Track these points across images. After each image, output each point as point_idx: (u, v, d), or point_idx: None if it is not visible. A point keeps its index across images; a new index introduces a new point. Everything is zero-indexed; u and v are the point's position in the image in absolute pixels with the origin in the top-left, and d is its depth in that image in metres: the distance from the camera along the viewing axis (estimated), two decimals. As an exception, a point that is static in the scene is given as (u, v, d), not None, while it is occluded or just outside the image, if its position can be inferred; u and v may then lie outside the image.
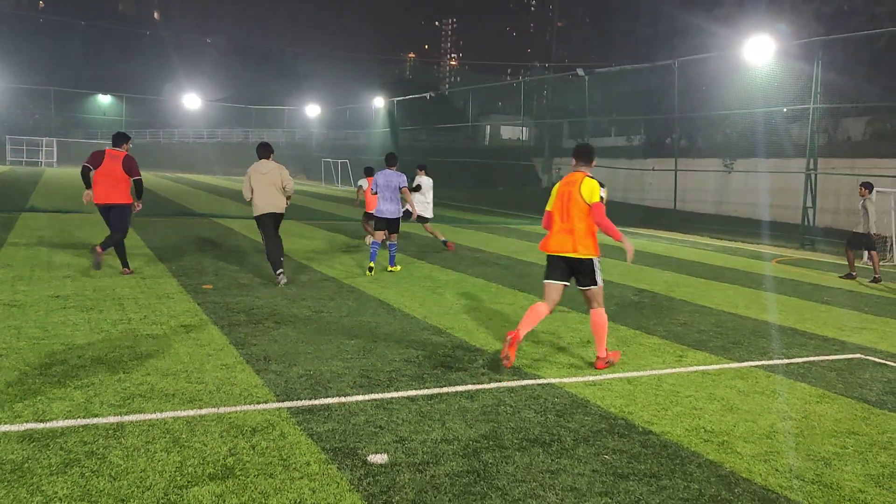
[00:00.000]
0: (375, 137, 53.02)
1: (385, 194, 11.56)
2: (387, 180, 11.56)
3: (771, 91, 25.46)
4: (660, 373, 6.69)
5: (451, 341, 7.41)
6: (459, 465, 4.35)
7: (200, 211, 22.75)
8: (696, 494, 4.14)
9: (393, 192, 11.55)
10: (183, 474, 4.03)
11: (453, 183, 44.20)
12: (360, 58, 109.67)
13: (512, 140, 61.81)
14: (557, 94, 42.90)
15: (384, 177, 11.59)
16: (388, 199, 11.55)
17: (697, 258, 16.81)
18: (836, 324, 9.51)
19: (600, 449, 4.74)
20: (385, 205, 11.56)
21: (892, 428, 5.47)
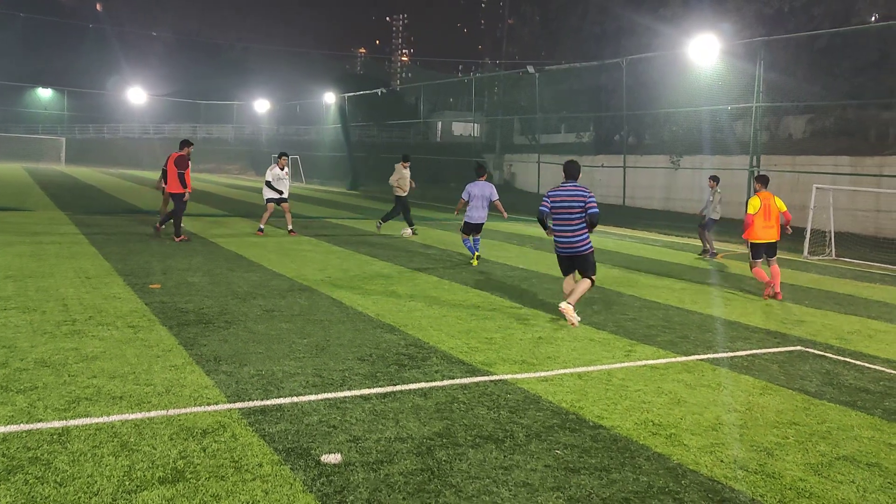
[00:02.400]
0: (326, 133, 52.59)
1: (478, 203, 12.91)
2: (482, 191, 12.95)
3: (715, 89, 26.10)
4: (610, 367, 6.81)
5: (404, 339, 7.41)
6: (413, 464, 4.37)
7: (147, 208, 22.25)
8: (645, 487, 4.24)
9: (485, 202, 12.94)
10: (132, 479, 3.96)
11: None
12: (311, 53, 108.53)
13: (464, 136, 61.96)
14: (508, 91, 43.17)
15: (479, 187, 12.95)
16: (481, 208, 12.95)
17: (646, 254, 17.13)
18: (778, 317, 9.81)
19: (552, 444, 4.81)
20: (478, 212, 12.95)
21: (830, 418, 5.68)
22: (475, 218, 12.91)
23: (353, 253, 14.08)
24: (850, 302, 11.42)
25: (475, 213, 12.88)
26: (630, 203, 28.61)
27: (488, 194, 12.92)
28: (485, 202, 12.89)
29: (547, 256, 15.04)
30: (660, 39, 31.36)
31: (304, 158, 50.94)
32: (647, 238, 21.52)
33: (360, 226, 20.17)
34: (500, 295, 10.31)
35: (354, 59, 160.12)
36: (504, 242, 17.64)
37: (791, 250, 18.90)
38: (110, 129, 73.28)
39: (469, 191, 12.92)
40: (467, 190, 12.93)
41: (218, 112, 74.03)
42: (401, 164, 17.85)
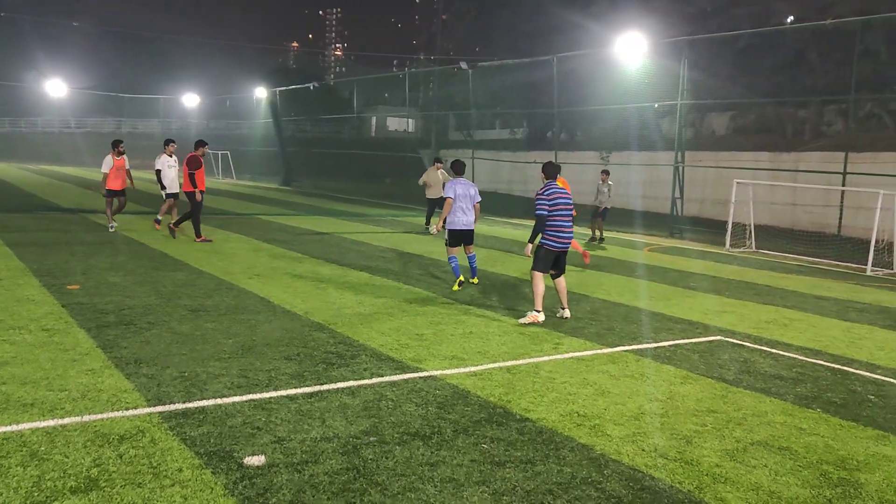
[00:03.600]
0: (258, 128, 51.61)
1: (464, 205, 10.42)
2: (466, 190, 10.45)
3: (642, 87, 26.72)
4: (538, 360, 6.91)
5: (333, 337, 7.34)
6: (339, 463, 4.33)
7: (68, 206, 21.41)
8: (568, 478, 4.31)
9: (470, 203, 10.46)
10: (41, 489, 3.80)
11: (339, 175, 43.72)
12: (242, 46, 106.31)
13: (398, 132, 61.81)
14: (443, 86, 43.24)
15: (463, 186, 10.44)
16: (467, 210, 10.45)
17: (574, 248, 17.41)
18: (700, 308, 10.13)
19: (479, 439, 4.84)
20: (463, 216, 10.42)
21: (746, 405, 5.89)
22: (462, 223, 10.43)
23: (284, 251, 13.87)
24: (768, 292, 11.88)
25: (462, 217, 10.44)
26: (562, 198, 29.02)
27: (472, 195, 10.52)
28: (470, 204, 10.50)
29: (479, 252, 15.14)
30: (589, 37, 31.92)
31: (235, 154, 49.89)
32: (578, 232, 21.87)
33: (292, 223, 19.88)
34: (433, 291, 10.33)
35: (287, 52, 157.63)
36: (437, 239, 17.67)
37: (713, 243, 19.56)
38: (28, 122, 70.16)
39: (454, 189, 10.38)
40: (452, 188, 10.39)
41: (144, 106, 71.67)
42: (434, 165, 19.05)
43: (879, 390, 6.51)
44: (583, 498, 4.05)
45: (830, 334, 8.80)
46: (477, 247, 16.07)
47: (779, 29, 26.24)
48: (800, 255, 17.56)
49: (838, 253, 17.24)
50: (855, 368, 7.22)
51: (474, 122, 38.18)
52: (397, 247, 15.31)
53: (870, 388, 6.58)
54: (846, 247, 17.36)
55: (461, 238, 10.54)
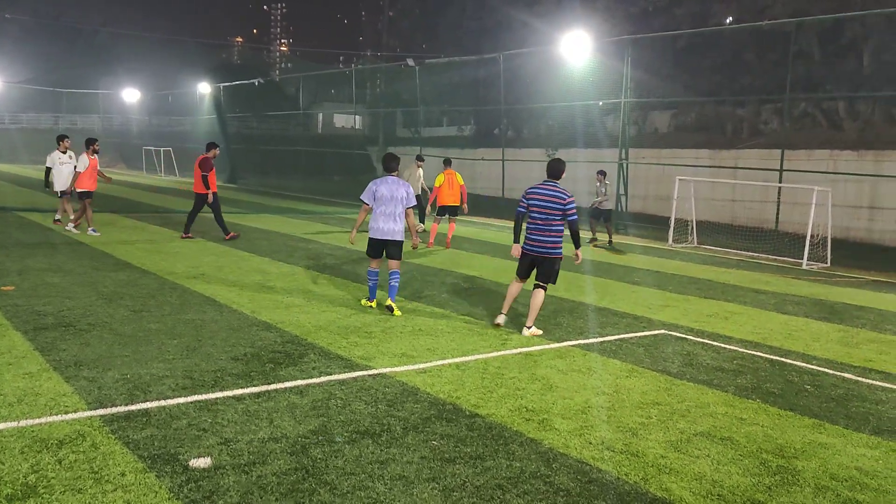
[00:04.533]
0: (201, 125, 50.61)
1: (388, 208, 8.63)
2: (392, 191, 8.62)
3: (587, 85, 27.12)
4: (486, 356, 6.95)
5: (281, 336, 7.26)
6: (287, 463, 4.29)
7: (2, 204, 20.63)
8: (517, 472, 4.35)
9: (398, 207, 8.64)
10: (-25, 499, 3.66)
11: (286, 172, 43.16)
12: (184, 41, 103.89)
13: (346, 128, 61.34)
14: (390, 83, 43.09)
15: (389, 186, 8.63)
16: (391, 216, 8.64)
17: (524, 244, 17.57)
18: (644, 303, 10.33)
19: (429, 435, 4.85)
20: (384, 223, 8.64)
21: (689, 397, 6.04)
22: (382, 231, 8.63)
23: (229, 249, 13.64)
24: (710, 287, 12.19)
25: (383, 224, 8.61)
26: (509, 195, 29.25)
27: (402, 196, 8.60)
28: (397, 207, 8.59)
29: (426, 249, 15.17)
30: (536, 35, 32.21)
31: (178, 151, 48.80)
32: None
33: (238, 221, 19.55)
34: (382, 288, 10.28)
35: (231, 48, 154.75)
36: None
37: (657, 239, 19.98)
38: (-43, 117, 67.29)
39: (373, 190, 8.62)
40: (370, 189, 8.65)
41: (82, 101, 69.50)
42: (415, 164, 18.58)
43: (815, 380, 6.75)
44: (532, 492, 4.10)
45: (769, 327, 9.09)
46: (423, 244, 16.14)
47: (718, 29, 26.93)
48: (739, 250, 18.07)
49: (776, 248, 17.80)
50: (792, 359, 7.48)
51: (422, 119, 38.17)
52: (346, 245, 15.20)
53: (806, 378, 6.81)
54: (783, 242, 17.94)
55: (379, 249, 8.75)
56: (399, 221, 8.68)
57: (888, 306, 11.13)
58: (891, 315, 10.37)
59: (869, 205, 21.45)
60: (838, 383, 6.68)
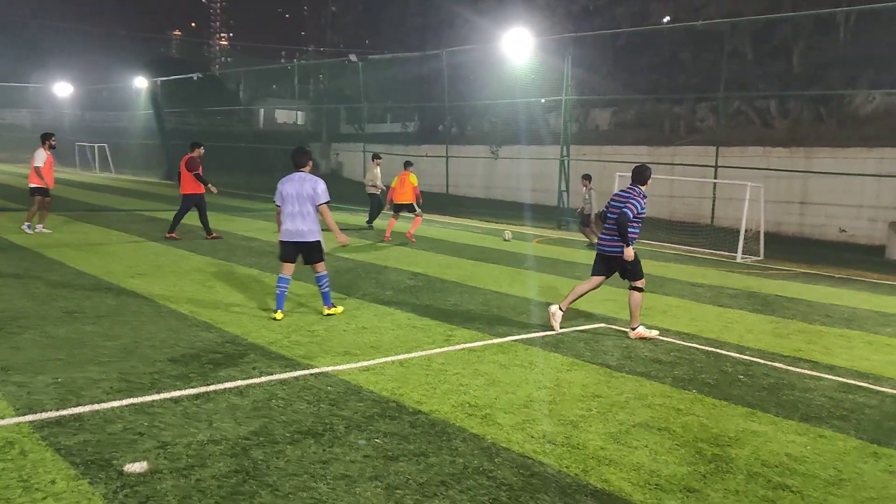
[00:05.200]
0: (138, 120, 49.21)
1: (295, 208, 7.96)
2: (298, 188, 7.98)
3: (530, 82, 27.38)
4: (430, 353, 6.96)
5: (221, 336, 7.13)
6: (227, 466, 4.22)
7: (-78, 203, 19.71)
8: (460, 468, 4.38)
9: (305, 206, 7.96)
10: None
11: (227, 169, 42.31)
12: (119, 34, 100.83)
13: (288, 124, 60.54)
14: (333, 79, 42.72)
15: (294, 184, 8.00)
16: (300, 216, 7.97)
17: (468, 241, 17.66)
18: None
19: (372, 434, 4.84)
20: (292, 223, 7.97)
21: (628, 389, 6.17)
22: (289, 232, 7.99)
23: (168, 248, 13.33)
24: (648, 280, 12.39)
25: (290, 225, 7.97)
26: (453, 191, 29.36)
27: (309, 193, 7.94)
28: (305, 206, 7.95)
29: (372, 245, 15.11)
30: (478, 32, 32.38)
31: (114, 147, 47.39)
32: (470, 225, 22.21)
33: (176, 218, 19.09)
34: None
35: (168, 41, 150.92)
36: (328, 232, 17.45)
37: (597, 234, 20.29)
38: None
39: (279, 190, 8.04)
40: (278, 189, 8.05)
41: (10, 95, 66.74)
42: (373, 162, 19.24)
43: (748, 370, 6.97)
44: (475, 487, 4.13)
45: (705, 319, 9.35)
46: (366, 241, 16.08)
47: (655, 29, 27.52)
48: (677, 244, 18.52)
49: (712, 242, 18.30)
50: (727, 350, 7.71)
51: (365, 116, 37.97)
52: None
53: (739, 368, 7.03)
54: (719, 236, 18.45)
55: (291, 252, 8.07)
56: (310, 221, 7.94)
57: (817, 298, 11.57)
58: (819, 306, 10.78)
59: (799, 200, 22.25)
60: (770, 373, 6.92)
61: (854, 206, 21.15)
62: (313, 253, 8.12)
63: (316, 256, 8.15)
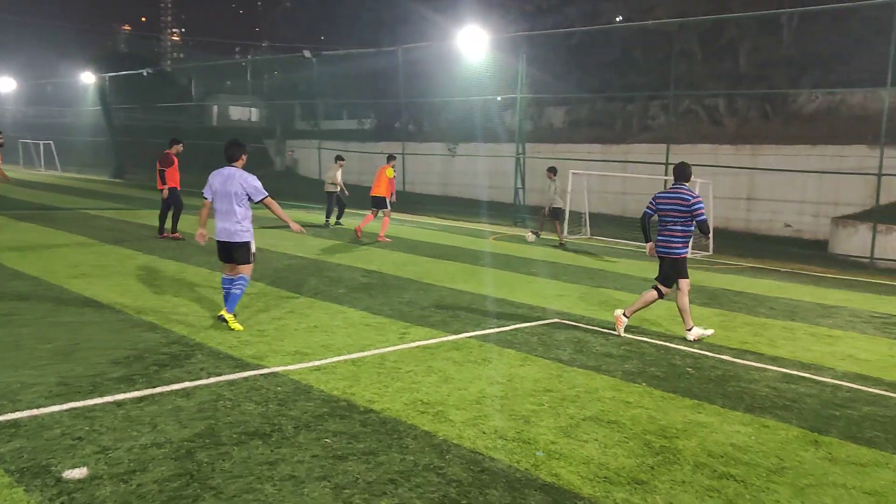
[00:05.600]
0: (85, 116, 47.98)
1: (223, 205, 7.51)
2: (224, 185, 7.48)
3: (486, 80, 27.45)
4: (383, 351, 6.91)
5: (167, 337, 6.97)
6: (170, 469, 4.11)
7: None
8: (410, 466, 4.35)
9: (234, 203, 7.46)
10: None
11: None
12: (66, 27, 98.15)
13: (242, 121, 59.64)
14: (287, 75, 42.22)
15: (222, 179, 7.52)
16: (227, 214, 7.49)
17: (424, 238, 17.63)
18: (539, 293, 10.56)
19: (321, 433, 4.77)
20: (220, 222, 7.55)
21: (579, 383, 6.21)
22: (218, 231, 7.57)
23: (113, 247, 13.00)
24: (601, 276, 12.60)
25: (218, 223, 7.56)
26: (410, 189, 29.30)
27: (237, 191, 7.41)
28: (232, 204, 7.43)
29: (327, 243, 14.97)
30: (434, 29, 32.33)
31: (60, 144, 46.09)
32: (426, 222, 22.17)
33: (125, 217, 18.68)
34: (275, 285, 10.07)
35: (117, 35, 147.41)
36: (284, 230, 17.25)
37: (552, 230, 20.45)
38: None
39: (210, 183, 7.59)
40: (209, 182, 7.61)
41: (-51, 90, 64.48)
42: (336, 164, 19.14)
43: (696, 363, 7.09)
44: (424, 484, 4.10)
45: (655, 312, 9.47)
46: (320, 239, 15.92)
47: (607, 28, 27.85)
48: (629, 240, 18.76)
49: (663, 238, 18.59)
50: (675, 344, 7.82)
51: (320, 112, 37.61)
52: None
53: (688, 361, 7.15)
54: (670, 232, 18.74)
55: (224, 252, 7.63)
56: (238, 220, 7.45)
57: (763, 291, 11.84)
58: (765, 299, 11.03)
59: (747, 196, 22.76)
60: (717, 365, 7.04)
61: (798, 201, 21.72)
62: (240, 254, 7.58)
63: (242, 257, 7.58)
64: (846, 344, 8.19)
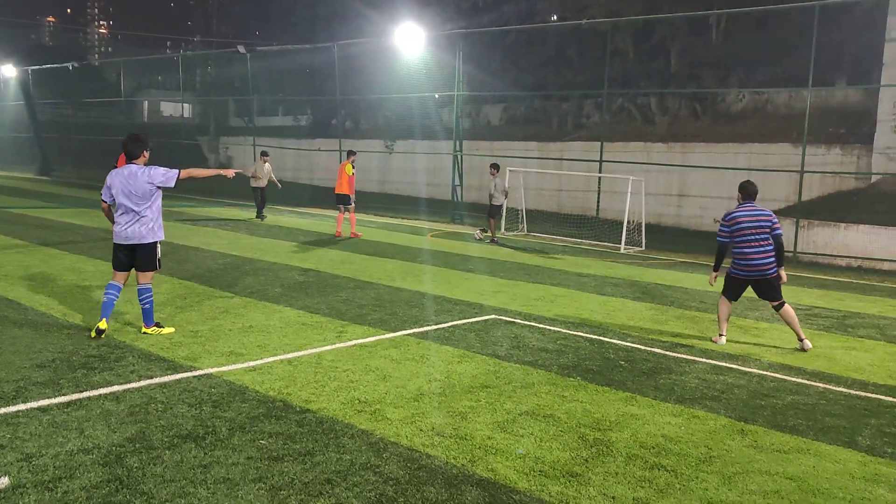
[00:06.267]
0: (7, 111, 45.94)
1: (124, 208, 6.86)
2: (127, 185, 6.82)
3: (423, 77, 27.45)
4: (320, 350, 6.86)
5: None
6: (99, 476, 4.00)
7: None
8: (347, 465, 4.33)
9: (138, 204, 6.85)
10: None
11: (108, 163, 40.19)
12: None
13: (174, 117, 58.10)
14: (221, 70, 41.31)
15: (123, 178, 6.86)
16: (130, 216, 6.87)
17: (363, 235, 17.53)
18: (477, 289, 10.64)
19: (256, 435, 4.71)
20: (126, 225, 6.88)
21: (516, 378, 6.29)
22: (119, 234, 6.94)
23: (38, 247, 12.51)
24: (537, 272, 12.77)
25: (121, 227, 6.91)
26: (348, 186, 29.08)
27: (144, 190, 6.81)
28: (138, 205, 6.83)
29: (261, 241, 14.74)
30: (371, 26, 32.11)
31: (-22, 141, 44.05)
32: (364, 220, 22.04)
33: (50, 216, 17.98)
34: (209, 285, 9.86)
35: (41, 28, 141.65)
36: (217, 229, 16.91)
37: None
38: None
39: (108, 184, 6.93)
40: (106, 183, 6.94)
41: None
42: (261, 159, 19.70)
43: (629, 356, 7.26)
44: (361, 483, 4.09)
45: (590, 308, 9.66)
46: (255, 237, 15.67)
47: (542, 26, 28.20)
48: (565, 236, 19.09)
49: (597, 234, 18.98)
50: (609, 338, 8.00)
51: (255, 108, 36.95)
52: (172, 239, 14.41)
53: (621, 354, 7.31)
54: (604, 228, 19.15)
55: (124, 257, 7.01)
56: (144, 222, 6.87)
57: (693, 285, 12.20)
58: (695, 293, 11.37)
59: (678, 193, 23.40)
60: (649, 358, 7.23)
61: (726, 197, 22.39)
62: (145, 257, 6.99)
63: (147, 262, 7.03)
64: (772, 336, 8.51)
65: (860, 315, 10.14)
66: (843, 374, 6.93)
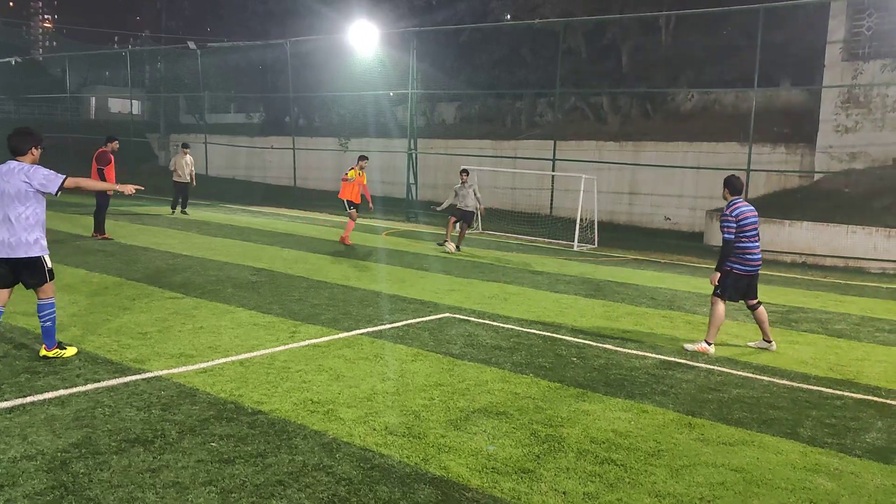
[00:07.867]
0: (-56, 108, 44.35)
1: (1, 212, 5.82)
2: (2, 182, 5.82)
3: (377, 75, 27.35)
4: (273, 351, 6.80)
5: (39, 342, 6.54)
6: (43, 482, 3.90)
7: None
8: (299, 466, 4.31)
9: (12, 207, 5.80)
10: None
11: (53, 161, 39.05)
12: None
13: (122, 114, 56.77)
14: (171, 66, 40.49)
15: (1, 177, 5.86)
16: (5, 222, 5.80)
17: (316, 234, 17.42)
18: (431, 288, 10.66)
19: (207, 437, 4.65)
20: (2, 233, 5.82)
21: (469, 376, 6.33)
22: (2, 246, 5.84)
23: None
24: (492, 270, 12.86)
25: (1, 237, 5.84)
26: (301, 184, 28.84)
27: (20, 190, 5.79)
28: (14, 208, 5.79)
29: (213, 241, 14.51)
30: (324, 23, 31.84)
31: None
32: (318, 219, 21.89)
33: None
34: (159, 285, 9.68)
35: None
36: (168, 228, 16.60)
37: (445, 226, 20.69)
38: None
39: None
40: None
41: None
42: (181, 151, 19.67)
43: (581, 352, 7.37)
44: (313, 484, 4.08)
45: (543, 305, 9.77)
46: (207, 237, 15.43)
47: (496, 25, 28.36)
48: (519, 234, 19.26)
49: (551, 231, 19.19)
50: (562, 334, 8.10)
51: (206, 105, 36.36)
52: (120, 239, 14.11)
53: (573, 350, 7.42)
54: (557, 226, 19.37)
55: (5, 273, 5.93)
56: (22, 228, 5.80)
57: (644, 282, 12.43)
58: (646, 289, 11.59)
59: (629, 191, 23.80)
60: (600, 354, 7.35)
61: (676, 195, 22.91)
62: (32, 273, 5.97)
63: (38, 277, 6.00)
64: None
65: (803, 310, 10.47)
66: (786, 368, 7.15)
